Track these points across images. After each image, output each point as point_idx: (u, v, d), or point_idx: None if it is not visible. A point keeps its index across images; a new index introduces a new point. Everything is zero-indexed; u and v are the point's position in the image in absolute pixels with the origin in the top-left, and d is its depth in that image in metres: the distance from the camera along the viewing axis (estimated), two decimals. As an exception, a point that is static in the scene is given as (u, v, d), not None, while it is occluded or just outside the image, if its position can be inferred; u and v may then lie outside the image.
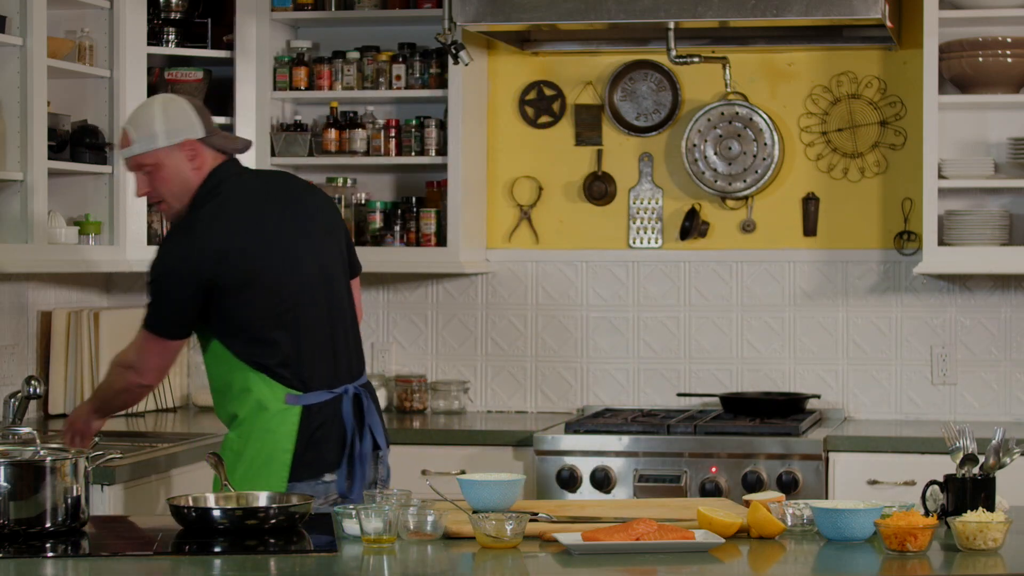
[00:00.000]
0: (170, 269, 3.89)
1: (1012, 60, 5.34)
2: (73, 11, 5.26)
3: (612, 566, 2.91)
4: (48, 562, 3.01)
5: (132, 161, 3.98)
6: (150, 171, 3.96)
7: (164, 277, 3.90)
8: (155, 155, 3.95)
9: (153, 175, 3.97)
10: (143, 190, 3.99)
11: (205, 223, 3.90)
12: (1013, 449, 3.31)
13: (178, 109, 3.99)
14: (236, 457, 3.90)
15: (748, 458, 5.05)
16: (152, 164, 3.96)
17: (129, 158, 3.98)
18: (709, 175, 5.67)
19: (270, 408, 3.89)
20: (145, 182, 3.98)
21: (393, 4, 5.72)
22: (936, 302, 5.62)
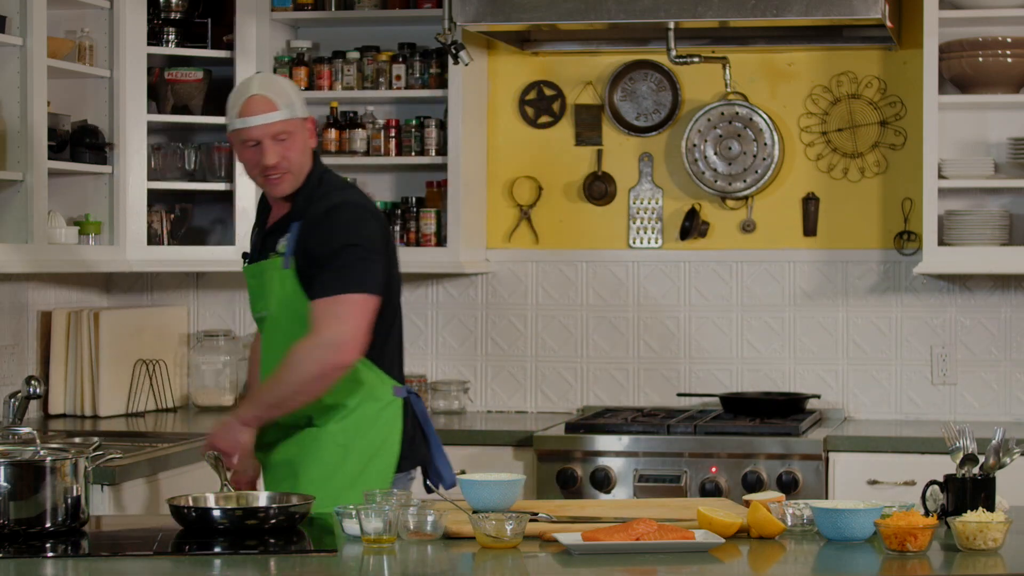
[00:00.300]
0: (369, 230, 3.86)
1: (1012, 60, 5.34)
2: (73, 11, 5.26)
3: (612, 566, 2.91)
4: (48, 562, 3.01)
5: (273, 127, 3.90)
6: (284, 139, 3.91)
7: (366, 238, 3.84)
8: (294, 123, 3.93)
9: (287, 143, 3.91)
10: (274, 159, 3.89)
11: (363, 196, 4.01)
12: (1013, 449, 3.31)
13: (297, 87, 4.06)
14: (342, 451, 3.85)
15: (748, 458, 5.05)
16: (290, 132, 3.92)
17: (268, 124, 3.89)
18: (709, 175, 5.67)
19: (381, 399, 3.90)
20: (276, 151, 3.90)
21: (393, 4, 5.72)
22: (936, 302, 5.62)
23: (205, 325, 6.02)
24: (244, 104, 3.91)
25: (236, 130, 3.92)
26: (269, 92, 3.92)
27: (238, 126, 3.91)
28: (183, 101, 5.68)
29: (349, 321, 3.74)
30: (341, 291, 3.77)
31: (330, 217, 3.87)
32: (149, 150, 5.54)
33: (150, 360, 5.71)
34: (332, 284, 3.78)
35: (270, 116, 3.89)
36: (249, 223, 5.62)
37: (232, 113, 3.94)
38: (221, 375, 5.88)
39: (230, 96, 3.98)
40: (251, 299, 4.05)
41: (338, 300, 3.76)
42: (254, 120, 3.89)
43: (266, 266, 3.95)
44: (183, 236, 5.79)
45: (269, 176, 3.91)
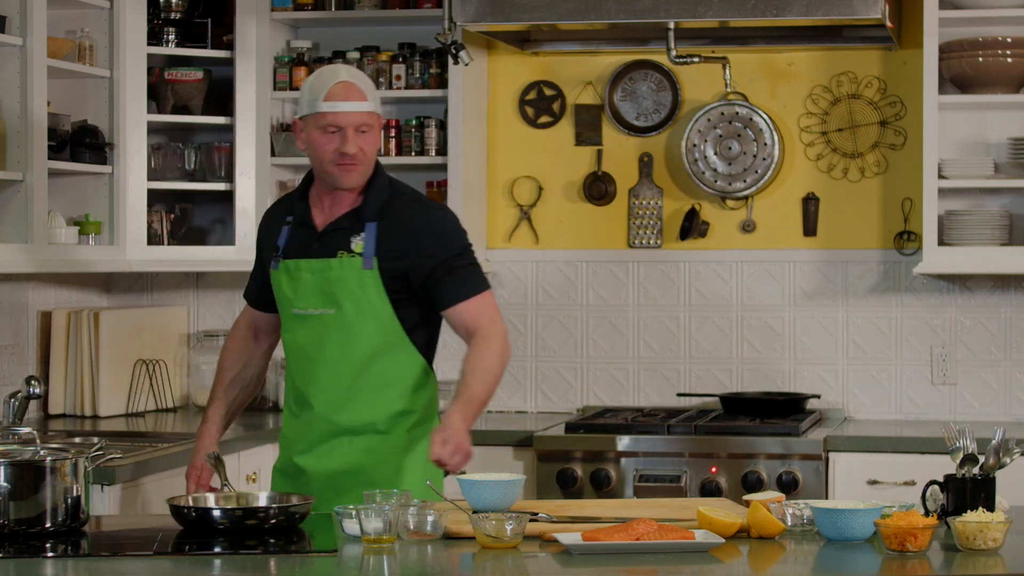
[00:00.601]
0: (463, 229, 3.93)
1: (1012, 60, 5.34)
2: (73, 11, 5.26)
3: (612, 566, 2.91)
4: (48, 562, 3.01)
5: (359, 117, 3.82)
6: (366, 131, 3.84)
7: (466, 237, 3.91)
8: (375, 118, 3.87)
9: (367, 136, 3.84)
10: (355, 148, 3.81)
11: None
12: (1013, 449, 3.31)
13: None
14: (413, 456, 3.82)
15: (748, 458, 5.05)
16: (371, 126, 3.85)
17: (356, 113, 3.81)
18: (709, 175, 5.67)
19: (441, 405, 3.94)
20: (357, 141, 3.82)
21: (393, 4, 5.72)
22: (936, 302, 5.62)
23: (205, 325, 6.02)
24: (334, 88, 3.82)
25: (320, 113, 3.82)
26: (359, 81, 3.86)
27: (324, 109, 3.80)
28: (183, 101, 5.68)
29: (499, 316, 3.87)
30: (482, 288, 3.86)
31: (437, 221, 3.88)
32: (149, 150, 5.54)
33: (150, 360, 5.71)
34: (472, 283, 3.85)
35: (360, 105, 3.82)
36: (250, 223, 5.64)
37: (315, 95, 3.83)
38: (221, 375, 5.88)
39: (311, 78, 3.87)
40: (295, 295, 3.91)
41: (485, 298, 3.85)
42: (343, 106, 3.81)
43: (337, 264, 3.86)
44: (183, 236, 5.79)
45: (344, 164, 3.83)
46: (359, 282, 3.83)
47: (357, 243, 3.85)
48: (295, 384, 3.95)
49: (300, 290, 3.89)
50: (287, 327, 3.95)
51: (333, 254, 3.86)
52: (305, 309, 3.89)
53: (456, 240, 3.87)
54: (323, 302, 3.86)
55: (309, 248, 3.90)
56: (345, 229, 3.88)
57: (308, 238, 3.91)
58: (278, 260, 3.93)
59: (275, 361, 5.87)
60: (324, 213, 3.93)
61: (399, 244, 3.83)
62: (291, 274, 3.90)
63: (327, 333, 3.86)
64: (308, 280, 3.88)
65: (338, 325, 3.85)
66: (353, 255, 3.85)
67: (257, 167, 5.67)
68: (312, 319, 3.88)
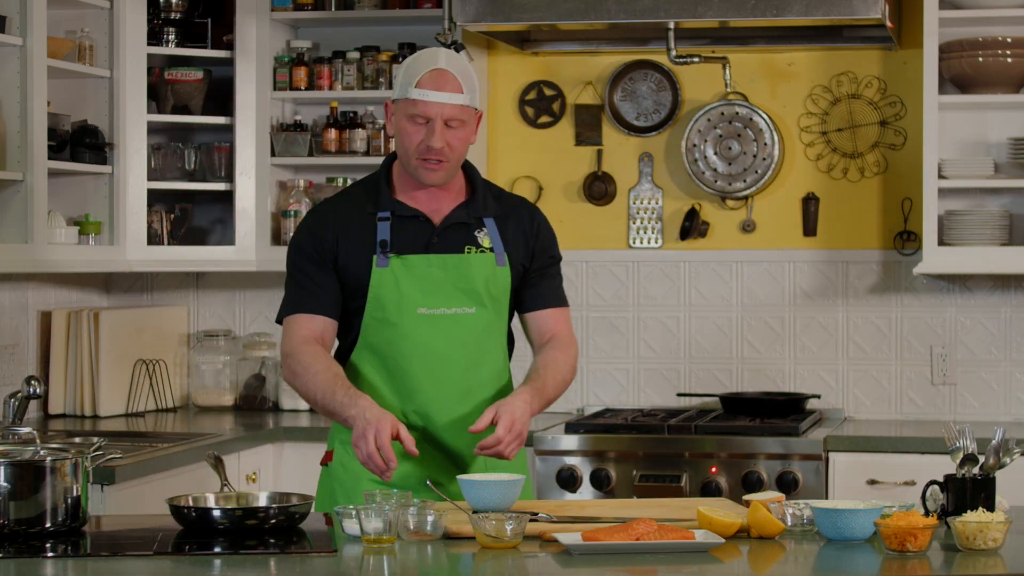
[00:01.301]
0: None
1: (1012, 60, 5.34)
2: (73, 11, 5.26)
3: (612, 566, 2.91)
4: (48, 562, 3.01)
5: (450, 110, 3.55)
6: (457, 126, 3.57)
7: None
8: (470, 112, 3.59)
9: (457, 131, 3.57)
10: (440, 143, 3.54)
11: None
12: (1013, 449, 3.31)
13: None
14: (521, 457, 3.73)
15: (748, 458, 5.05)
16: (463, 121, 3.57)
17: (448, 105, 3.54)
18: (709, 175, 5.67)
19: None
20: (445, 136, 3.55)
21: (393, 4, 5.72)
22: (936, 302, 5.62)
23: (205, 325, 6.02)
24: (428, 75, 3.54)
25: (409, 100, 3.55)
26: (457, 71, 3.57)
27: (414, 96, 3.53)
28: (183, 101, 5.68)
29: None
30: (567, 303, 3.78)
31: (545, 225, 3.76)
32: (149, 150, 5.54)
33: (150, 360, 5.71)
34: (562, 294, 3.77)
35: (454, 97, 3.55)
36: (250, 223, 5.65)
37: (408, 80, 3.56)
38: (221, 375, 5.89)
39: (409, 60, 3.61)
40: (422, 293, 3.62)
41: (567, 312, 3.77)
42: (434, 96, 3.54)
43: (472, 260, 3.63)
44: (183, 236, 5.79)
45: (428, 159, 3.56)
46: (494, 279, 3.64)
47: (483, 238, 3.66)
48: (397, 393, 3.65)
49: (428, 288, 3.62)
50: (403, 330, 3.62)
51: (460, 249, 3.64)
52: (436, 308, 3.62)
53: (556, 245, 3.77)
54: (460, 300, 3.63)
55: (427, 243, 3.63)
56: (465, 223, 3.65)
57: (421, 232, 3.64)
58: (387, 256, 3.62)
59: (275, 361, 5.87)
60: (427, 206, 3.67)
61: (518, 243, 3.68)
62: (412, 271, 3.61)
63: (468, 334, 3.64)
64: (439, 277, 3.62)
65: (476, 325, 3.64)
66: (483, 250, 3.65)
67: (257, 167, 5.67)
68: (446, 319, 3.63)
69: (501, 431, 3.46)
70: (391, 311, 3.60)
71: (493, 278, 3.64)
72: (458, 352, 3.62)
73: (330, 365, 3.60)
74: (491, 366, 3.67)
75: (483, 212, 3.67)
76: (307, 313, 3.64)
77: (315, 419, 5.60)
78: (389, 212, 3.64)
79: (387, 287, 3.60)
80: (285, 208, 5.74)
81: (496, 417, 3.49)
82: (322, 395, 3.56)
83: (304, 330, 3.64)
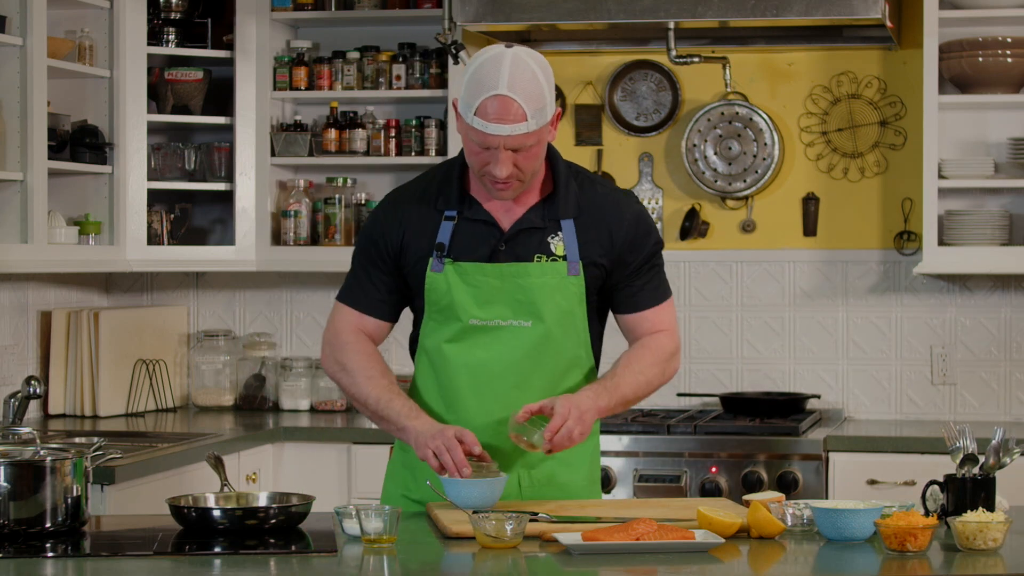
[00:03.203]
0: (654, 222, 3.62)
1: (1012, 60, 5.34)
2: (73, 11, 5.26)
3: (612, 566, 2.91)
4: (48, 562, 3.01)
5: (514, 140, 3.28)
6: (522, 151, 3.31)
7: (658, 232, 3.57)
8: (540, 133, 3.31)
9: (524, 154, 3.31)
10: (507, 172, 3.30)
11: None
12: (1013, 449, 3.31)
13: (551, 72, 3.36)
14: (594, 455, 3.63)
15: (748, 458, 5.05)
16: (531, 145, 3.31)
17: (510, 136, 3.27)
18: (709, 175, 5.67)
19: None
20: (511, 161, 3.31)
21: (393, 4, 5.72)
22: (936, 302, 5.62)
23: (205, 325, 6.02)
24: (490, 102, 3.26)
25: (471, 128, 3.29)
26: (521, 96, 3.26)
27: (475, 125, 3.27)
28: (183, 101, 5.68)
29: (676, 326, 3.57)
30: (669, 294, 3.54)
31: (636, 217, 3.47)
32: (149, 150, 5.54)
33: (150, 360, 5.71)
34: (663, 287, 3.53)
35: (516, 128, 3.27)
36: (249, 222, 5.65)
37: (470, 101, 3.29)
38: (221, 375, 5.88)
39: (473, 69, 3.29)
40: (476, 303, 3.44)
41: (668, 305, 3.54)
42: (495, 128, 3.26)
43: (537, 270, 3.42)
44: (183, 236, 5.79)
45: (495, 183, 3.33)
46: (563, 290, 3.43)
47: (556, 244, 3.43)
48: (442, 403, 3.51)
49: (482, 297, 3.43)
50: (453, 336, 3.46)
51: (529, 257, 3.42)
52: (491, 319, 3.43)
53: (653, 237, 3.50)
54: (516, 312, 3.43)
55: (493, 249, 3.42)
56: (538, 228, 3.43)
57: (488, 237, 3.43)
58: (442, 261, 3.43)
59: (275, 361, 5.87)
60: (499, 207, 3.44)
61: (601, 243, 3.45)
62: (467, 279, 3.43)
63: (521, 348, 3.44)
64: (495, 287, 3.42)
65: (532, 339, 3.44)
66: (555, 259, 3.43)
67: (257, 167, 5.67)
68: (499, 331, 3.44)
69: (558, 420, 3.28)
70: (443, 318, 3.45)
71: (562, 290, 3.43)
72: (507, 366, 3.44)
73: (384, 371, 3.50)
74: (548, 383, 3.47)
75: (561, 214, 3.44)
76: (356, 310, 3.54)
77: (315, 419, 5.60)
78: (456, 212, 3.44)
79: (440, 293, 3.43)
80: (285, 208, 5.74)
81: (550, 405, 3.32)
82: (375, 400, 3.45)
83: (353, 324, 3.53)
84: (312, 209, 5.76)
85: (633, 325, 3.55)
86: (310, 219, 5.75)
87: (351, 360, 3.51)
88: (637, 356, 3.51)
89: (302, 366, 5.82)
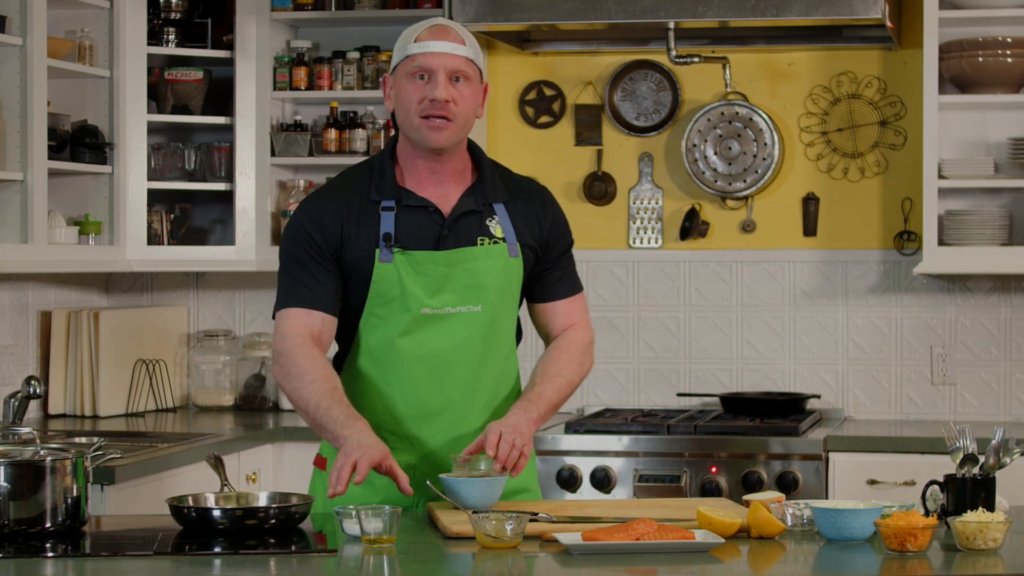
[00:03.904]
0: None
1: (1012, 60, 5.34)
2: (73, 11, 5.26)
3: (612, 566, 2.91)
4: (48, 562, 3.01)
5: (453, 60, 3.39)
6: (459, 81, 3.40)
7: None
8: (474, 69, 3.44)
9: (461, 88, 3.40)
10: (445, 95, 3.36)
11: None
12: (1013, 449, 3.31)
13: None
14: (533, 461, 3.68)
15: (748, 458, 5.05)
16: (467, 77, 3.41)
17: (450, 55, 3.39)
18: (709, 175, 5.67)
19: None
20: (449, 90, 3.39)
21: (393, 4, 5.72)
22: (936, 302, 5.62)
23: (205, 325, 6.02)
24: (428, 30, 3.42)
25: (409, 56, 3.40)
26: (455, 27, 3.45)
27: (413, 51, 3.38)
28: (183, 101, 5.68)
29: (589, 321, 3.64)
30: (580, 288, 3.61)
31: (557, 208, 3.57)
32: (149, 150, 5.55)
33: (150, 360, 5.72)
34: (574, 280, 3.60)
35: (456, 48, 3.40)
36: (249, 223, 5.65)
37: (406, 40, 3.43)
38: (221, 375, 5.89)
39: (404, 32, 3.49)
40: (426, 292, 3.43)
41: (579, 299, 3.61)
42: (435, 46, 3.39)
43: (483, 252, 3.45)
44: (183, 236, 5.79)
45: (432, 116, 3.37)
46: (505, 272, 3.46)
47: (495, 227, 3.47)
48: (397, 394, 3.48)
49: (432, 285, 3.42)
50: (405, 329, 3.44)
51: (472, 241, 3.45)
52: (441, 307, 3.43)
53: (568, 229, 3.59)
54: (465, 298, 3.44)
55: (438, 236, 3.43)
56: (476, 212, 3.46)
57: (431, 224, 3.44)
58: (391, 250, 3.42)
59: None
60: (434, 194, 3.47)
61: (530, 228, 3.50)
62: (418, 268, 3.42)
63: (470, 333, 3.46)
64: (444, 274, 3.42)
65: (482, 324, 3.46)
66: (496, 241, 3.46)
67: (257, 167, 5.67)
68: (450, 319, 3.44)
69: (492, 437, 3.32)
70: (394, 309, 3.41)
71: (505, 271, 3.46)
72: (462, 353, 3.45)
73: (328, 375, 3.39)
74: (497, 365, 3.52)
75: (492, 197, 3.48)
76: (303, 308, 3.41)
77: (315, 419, 5.60)
78: (394, 201, 3.43)
79: (390, 284, 3.40)
80: (285, 208, 5.74)
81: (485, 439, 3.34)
82: (315, 406, 3.33)
83: (300, 327, 3.40)
84: (312, 209, 5.75)
85: (548, 317, 3.59)
86: (310, 219, 5.74)
87: (295, 364, 3.39)
88: (552, 359, 3.57)
89: (302, 366, 5.81)
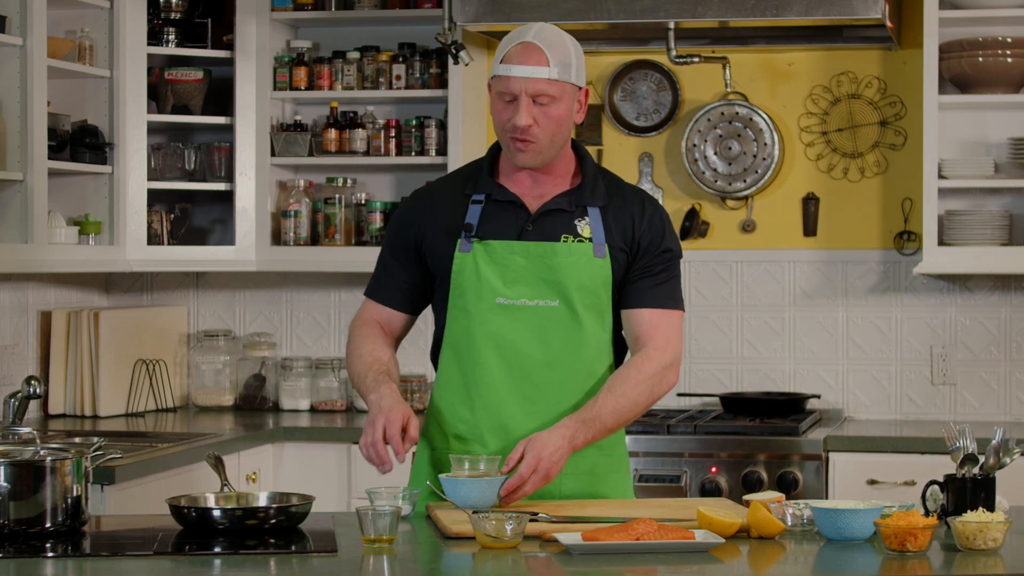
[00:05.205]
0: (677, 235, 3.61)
1: (1012, 60, 5.34)
2: (73, 11, 5.26)
3: (612, 566, 2.91)
4: (48, 562, 3.01)
5: (535, 84, 3.36)
6: (546, 103, 3.37)
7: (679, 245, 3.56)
8: (561, 87, 3.38)
9: (547, 108, 3.38)
10: (527, 120, 3.35)
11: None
12: (1013, 449, 3.31)
13: (581, 49, 3.49)
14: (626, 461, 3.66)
15: (748, 458, 5.05)
16: (553, 97, 3.37)
17: (531, 80, 3.36)
18: (709, 175, 5.67)
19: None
20: (532, 113, 3.37)
21: (393, 4, 5.72)
22: (936, 302, 5.62)
23: (205, 325, 6.02)
24: (515, 49, 3.38)
25: (497, 76, 3.41)
26: (547, 44, 3.38)
27: (499, 72, 3.38)
28: (183, 101, 5.68)
29: (677, 343, 3.49)
30: (676, 306, 3.50)
31: (657, 216, 3.52)
32: (149, 150, 5.55)
33: (150, 360, 5.72)
34: (671, 296, 3.50)
35: (537, 71, 3.36)
36: (249, 223, 5.65)
37: (499, 55, 3.42)
38: (221, 375, 5.88)
39: (506, 37, 3.46)
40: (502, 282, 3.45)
41: (672, 316, 3.49)
42: (517, 70, 3.37)
43: (564, 249, 3.44)
44: (183, 236, 5.79)
45: (515, 139, 3.39)
46: (588, 271, 3.44)
47: (583, 227, 3.46)
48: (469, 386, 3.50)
49: (509, 277, 3.45)
50: (482, 319, 3.47)
51: (556, 238, 3.45)
52: (517, 299, 3.45)
53: (671, 242, 3.52)
54: (542, 292, 3.44)
55: (520, 229, 3.46)
56: (565, 211, 3.47)
57: (515, 218, 3.47)
58: (470, 240, 3.46)
59: (275, 361, 5.87)
60: (527, 191, 3.50)
61: (624, 231, 3.47)
62: (495, 257, 3.45)
63: (549, 327, 3.45)
64: (521, 265, 3.44)
65: (560, 319, 3.45)
66: (581, 240, 3.46)
67: (257, 167, 5.68)
68: (526, 311, 3.45)
69: (525, 470, 3.28)
70: (470, 299, 3.45)
71: (588, 270, 3.44)
72: (536, 347, 3.44)
73: (374, 349, 3.53)
74: (574, 366, 3.47)
75: (589, 201, 3.48)
76: (378, 302, 3.61)
77: (315, 419, 5.60)
78: (484, 195, 3.49)
79: (467, 274, 3.45)
80: (285, 208, 5.74)
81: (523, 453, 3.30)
82: (357, 377, 3.52)
83: (368, 315, 3.61)
84: (312, 209, 5.76)
85: (631, 324, 3.51)
86: (310, 219, 5.75)
87: (352, 342, 3.60)
88: (623, 377, 3.45)
89: (302, 366, 5.82)
